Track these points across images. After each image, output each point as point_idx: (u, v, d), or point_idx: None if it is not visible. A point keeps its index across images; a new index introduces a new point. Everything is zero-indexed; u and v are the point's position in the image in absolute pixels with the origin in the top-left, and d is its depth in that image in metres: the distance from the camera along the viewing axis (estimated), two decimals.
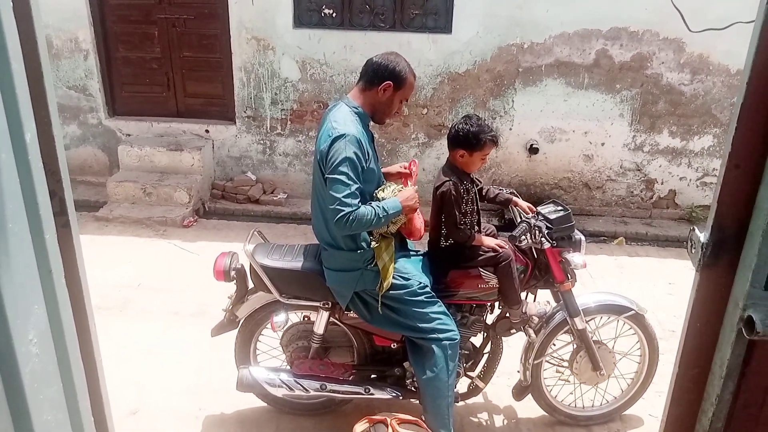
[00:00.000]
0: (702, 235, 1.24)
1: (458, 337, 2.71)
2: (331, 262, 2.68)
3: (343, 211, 2.39)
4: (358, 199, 2.43)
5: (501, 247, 2.82)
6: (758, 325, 1.11)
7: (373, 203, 2.51)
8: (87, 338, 1.49)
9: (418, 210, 2.70)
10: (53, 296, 1.32)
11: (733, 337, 1.19)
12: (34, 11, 1.26)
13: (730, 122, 1.15)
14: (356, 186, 2.42)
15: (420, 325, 2.66)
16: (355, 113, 2.57)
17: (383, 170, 2.85)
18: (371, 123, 2.67)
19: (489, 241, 2.86)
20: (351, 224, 2.40)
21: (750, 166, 1.12)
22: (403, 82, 2.57)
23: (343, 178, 2.40)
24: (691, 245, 1.28)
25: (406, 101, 2.70)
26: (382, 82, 2.55)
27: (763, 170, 1.11)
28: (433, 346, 2.66)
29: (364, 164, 2.49)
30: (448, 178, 2.77)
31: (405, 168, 2.89)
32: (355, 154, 2.42)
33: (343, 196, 2.39)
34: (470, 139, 2.72)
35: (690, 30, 4.83)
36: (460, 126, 2.75)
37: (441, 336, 2.66)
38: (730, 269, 1.21)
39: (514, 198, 3.07)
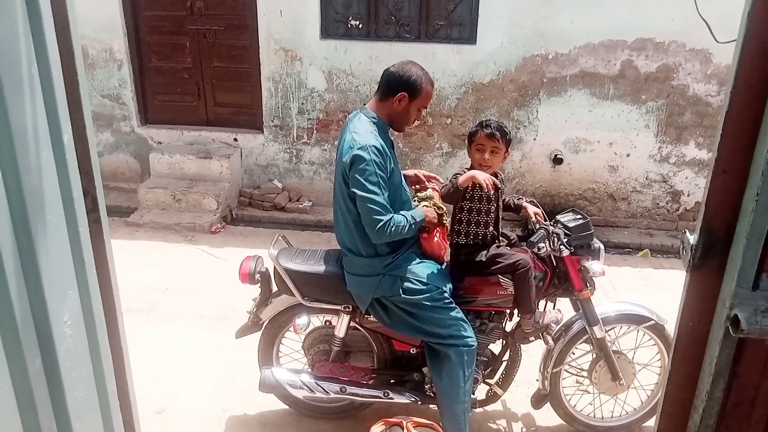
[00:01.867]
0: (692, 238, 1.29)
1: (475, 343, 2.75)
2: (352, 267, 2.74)
3: (381, 221, 2.49)
4: (386, 208, 2.53)
5: (488, 185, 2.65)
6: (743, 323, 1.15)
7: (402, 212, 2.60)
8: (114, 326, 1.58)
9: (437, 230, 2.78)
10: (85, 284, 1.42)
11: (721, 336, 1.23)
12: (72, 23, 1.35)
13: (717, 130, 1.19)
14: (385, 194, 2.52)
15: (437, 330, 2.70)
16: (374, 123, 2.63)
17: (403, 172, 2.92)
18: (390, 130, 2.74)
19: (474, 174, 2.69)
20: (389, 232, 2.51)
21: (736, 171, 1.17)
22: (419, 91, 2.61)
23: (374, 188, 2.48)
24: (682, 247, 1.33)
25: (426, 108, 2.75)
26: (397, 93, 2.60)
27: (748, 175, 1.15)
28: (449, 351, 2.70)
29: (386, 173, 2.56)
30: (463, 170, 2.87)
31: (425, 177, 2.96)
32: (378, 164, 2.50)
33: (378, 207, 2.49)
34: (468, 134, 2.90)
35: (717, 41, 4.77)
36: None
37: (458, 342, 2.70)
38: (719, 270, 1.25)
39: (524, 203, 3.09)
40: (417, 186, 3.03)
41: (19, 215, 1.22)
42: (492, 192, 2.73)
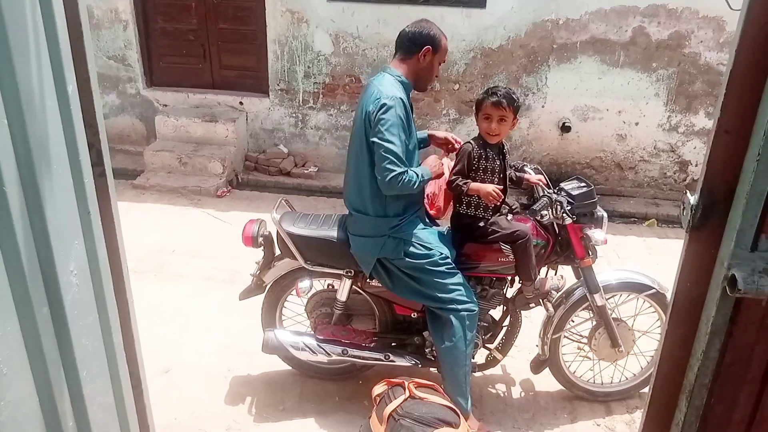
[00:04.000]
0: (692, 198, 1.29)
1: (476, 308, 2.78)
2: (357, 228, 2.77)
3: (395, 171, 2.52)
4: (400, 168, 2.54)
5: (496, 194, 2.75)
6: (740, 283, 1.16)
7: (413, 168, 2.63)
8: (120, 279, 1.61)
9: (441, 187, 2.78)
10: (91, 235, 1.44)
11: (718, 296, 1.24)
12: None
13: (720, 88, 1.18)
14: (404, 148, 2.56)
15: (439, 295, 2.74)
16: (399, 82, 2.66)
17: (430, 132, 3.03)
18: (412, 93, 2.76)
19: (484, 187, 2.77)
20: (401, 184, 2.54)
21: (738, 132, 1.16)
22: (440, 44, 2.68)
23: (394, 139, 2.52)
24: (682, 207, 1.33)
25: (443, 62, 2.79)
26: (422, 48, 2.65)
27: (750, 136, 1.15)
28: (451, 316, 2.73)
29: (406, 131, 2.60)
30: (469, 141, 2.86)
31: (455, 140, 2.98)
32: (402, 118, 2.55)
33: (394, 158, 2.52)
34: (477, 100, 2.86)
35: (731, 8, 4.67)
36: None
37: (459, 307, 2.73)
38: (719, 231, 1.27)
39: (526, 174, 3.09)
40: (448, 146, 3.02)
41: (26, 163, 1.23)
42: (498, 203, 2.80)
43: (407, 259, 2.74)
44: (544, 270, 3.06)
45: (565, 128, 6.07)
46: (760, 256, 1.20)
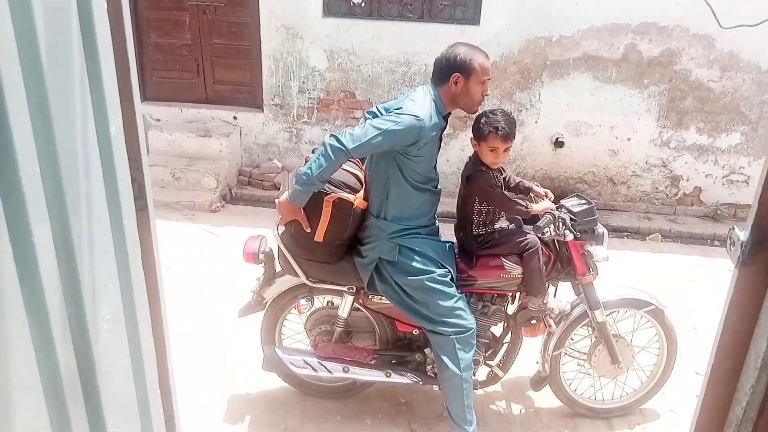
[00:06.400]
0: (741, 234, 1.31)
1: (468, 332, 2.75)
2: (363, 234, 2.78)
3: (334, 138, 2.46)
4: (351, 146, 2.45)
5: (550, 210, 2.83)
6: None
7: (315, 162, 2.50)
8: (158, 315, 1.58)
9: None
10: (127, 276, 1.41)
11: None
12: (125, 10, 1.33)
13: None
14: (364, 140, 2.45)
15: (433, 316, 2.73)
16: (432, 100, 2.61)
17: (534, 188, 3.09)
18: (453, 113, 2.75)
19: (539, 207, 2.88)
20: (324, 147, 2.48)
21: None
22: (471, 67, 2.57)
23: (372, 130, 2.45)
24: (731, 243, 1.35)
25: (488, 79, 2.67)
26: (450, 76, 2.59)
27: None
28: (443, 339, 2.73)
29: (408, 147, 2.54)
30: (479, 167, 2.84)
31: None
32: (401, 132, 2.47)
33: (351, 136, 2.45)
34: (477, 128, 2.80)
35: (721, 26, 4.78)
36: (478, 116, 2.82)
37: (450, 330, 2.71)
38: (767, 266, 1.28)
39: (534, 187, 3.11)
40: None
41: (58, 210, 1.20)
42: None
43: (406, 276, 2.71)
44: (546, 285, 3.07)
45: (558, 143, 6.12)
46: None
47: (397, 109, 2.53)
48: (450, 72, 2.59)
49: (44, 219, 1.17)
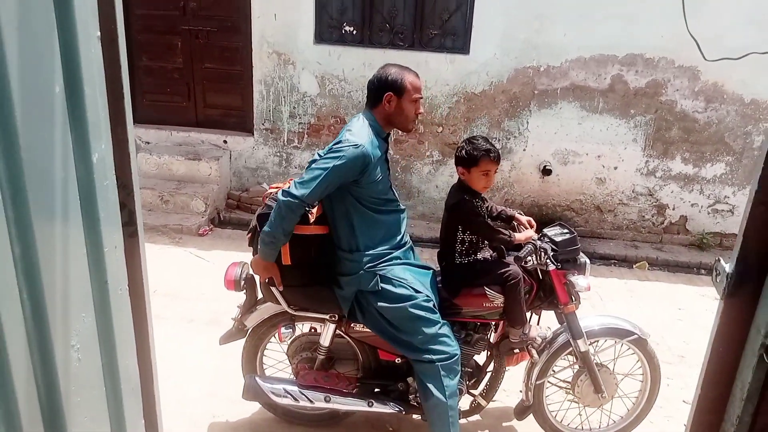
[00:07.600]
0: (727, 266, 1.33)
1: (453, 358, 2.73)
2: (338, 268, 2.77)
3: (286, 196, 2.50)
4: (303, 193, 2.49)
5: (532, 239, 2.87)
6: None
7: (273, 225, 2.56)
8: (145, 344, 1.55)
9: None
10: (105, 304, 1.37)
11: (755, 362, 1.27)
12: (120, 32, 1.32)
13: (756, 162, 1.23)
14: (315, 185, 2.49)
15: (416, 344, 2.71)
16: (370, 126, 2.66)
17: (516, 216, 3.12)
18: (394, 134, 2.75)
19: (522, 236, 2.90)
20: (281, 203, 2.51)
21: None
22: (402, 86, 2.63)
23: (318, 171, 2.49)
24: (716, 274, 1.36)
25: (420, 98, 2.72)
26: (383, 96, 2.64)
27: None
28: (426, 367, 2.71)
29: (358, 176, 2.56)
30: (463, 195, 2.85)
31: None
32: (347, 165, 2.50)
33: (297, 181, 2.52)
34: (465, 156, 2.81)
35: (705, 59, 4.87)
36: (460, 145, 2.86)
37: (434, 357, 2.69)
38: (753, 298, 1.30)
39: (516, 215, 3.13)
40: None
41: (23, 238, 1.14)
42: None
43: (390, 304, 2.69)
44: (527, 315, 3.06)
45: (546, 171, 6.17)
46: None
47: (336, 143, 2.56)
48: (382, 92, 2.64)
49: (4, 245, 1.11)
